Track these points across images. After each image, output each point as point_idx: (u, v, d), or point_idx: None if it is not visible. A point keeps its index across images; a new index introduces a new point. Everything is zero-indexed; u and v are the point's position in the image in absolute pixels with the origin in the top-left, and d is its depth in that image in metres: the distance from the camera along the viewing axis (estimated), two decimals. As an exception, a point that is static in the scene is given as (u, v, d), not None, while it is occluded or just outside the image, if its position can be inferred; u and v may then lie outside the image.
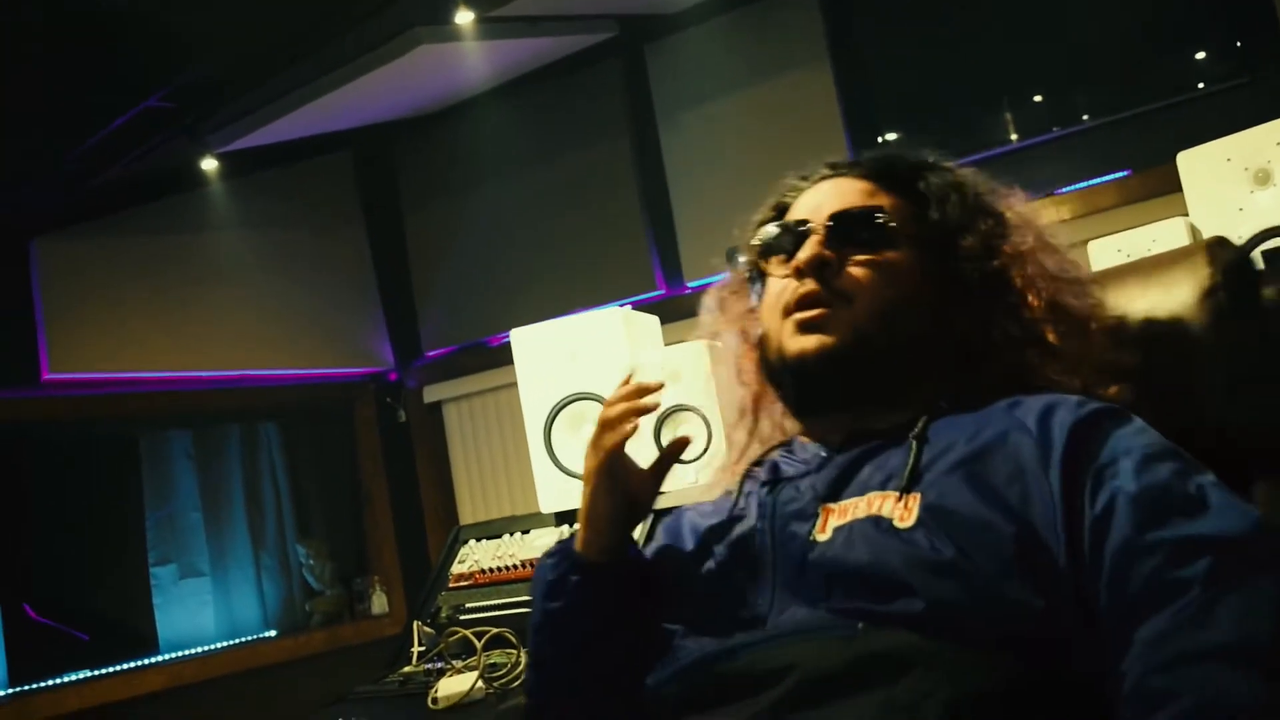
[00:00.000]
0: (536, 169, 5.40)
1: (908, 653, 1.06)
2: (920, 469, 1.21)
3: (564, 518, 2.60)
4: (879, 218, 1.38)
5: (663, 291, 5.05)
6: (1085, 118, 4.43)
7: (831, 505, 1.25)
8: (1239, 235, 1.94)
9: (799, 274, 1.36)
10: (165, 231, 5.07)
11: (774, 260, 1.43)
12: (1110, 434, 1.16)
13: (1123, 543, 1.07)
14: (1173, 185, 2.12)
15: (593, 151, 5.28)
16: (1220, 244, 1.34)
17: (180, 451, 5.45)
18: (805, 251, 1.37)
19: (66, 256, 4.77)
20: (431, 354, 5.73)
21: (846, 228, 1.38)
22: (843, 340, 1.32)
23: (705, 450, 2.51)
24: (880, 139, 4.73)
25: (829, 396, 1.36)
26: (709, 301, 1.59)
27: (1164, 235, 2.03)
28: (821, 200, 1.43)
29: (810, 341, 1.33)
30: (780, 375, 1.40)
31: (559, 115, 5.33)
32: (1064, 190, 4.30)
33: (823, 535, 1.22)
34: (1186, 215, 2.03)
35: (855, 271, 1.34)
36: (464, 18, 4.10)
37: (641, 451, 2.54)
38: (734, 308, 1.55)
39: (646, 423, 2.51)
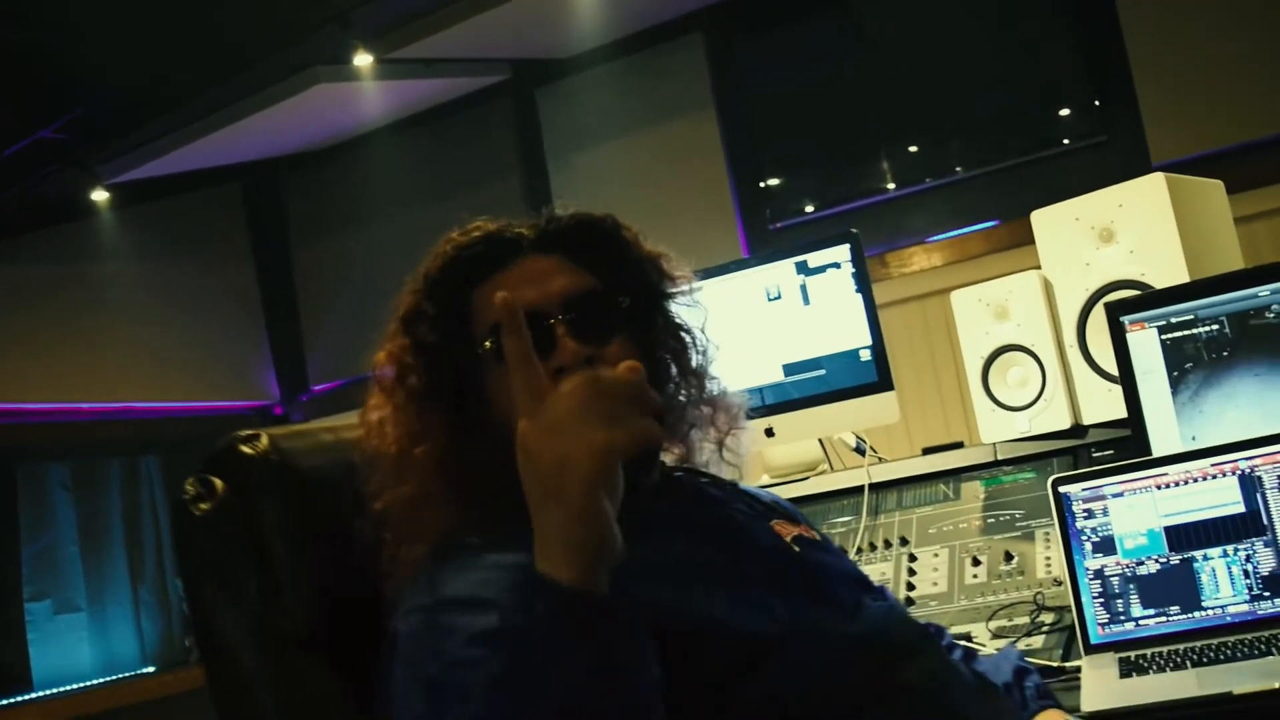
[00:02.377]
0: (427, 207, 5.44)
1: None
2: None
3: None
4: (620, 301, 1.38)
5: (551, 328, 5.14)
6: (958, 169, 4.63)
7: (775, 523, 1.38)
8: (1085, 288, 2.11)
9: (561, 373, 1.26)
10: (50, 260, 5.01)
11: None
12: None
13: None
14: (1034, 236, 2.28)
15: (483, 191, 5.35)
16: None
17: (58, 483, 5.35)
18: (569, 349, 1.30)
19: (-53, 283, 4.71)
20: (318, 388, 5.74)
21: (585, 315, 1.33)
22: None
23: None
24: (762, 184, 4.89)
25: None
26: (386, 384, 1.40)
27: (1019, 288, 2.19)
28: (539, 285, 1.36)
29: None
30: None
31: (451, 155, 5.40)
32: (935, 238, 4.51)
33: (796, 548, 1.34)
34: (1040, 269, 2.20)
35: (611, 357, 1.29)
36: (363, 59, 4.17)
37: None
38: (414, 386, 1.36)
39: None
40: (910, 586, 2.08)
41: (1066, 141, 4.47)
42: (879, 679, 1.17)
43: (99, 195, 4.79)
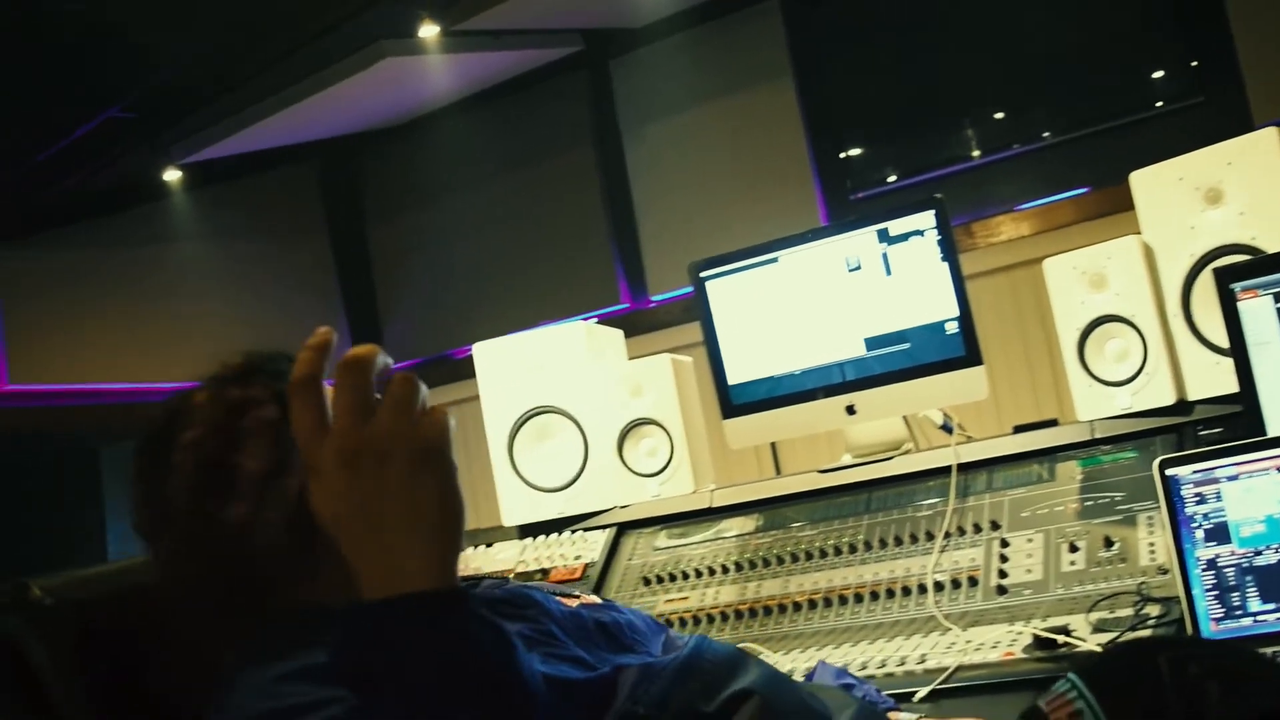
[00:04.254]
0: (501, 182, 5.40)
1: None
2: None
3: (527, 530, 2.61)
4: None
5: (627, 305, 5.06)
6: (1045, 135, 4.47)
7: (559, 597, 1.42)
8: (1191, 253, 1.97)
9: None
10: (127, 242, 5.04)
11: None
12: None
13: None
14: (1128, 203, 2.13)
15: (557, 165, 5.29)
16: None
17: (141, 465, 5.40)
18: None
19: (28, 267, 4.75)
20: (395, 367, 5.71)
21: None
22: None
23: (668, 463, 2.53)
24: (842, 154, 4.76)
25: None
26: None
27: (1118, 254, 2.05)
28: None
29: None
30: None
31: (524, 128, 5.34)
32: (1023, 207, 4.34)
33: (583, 612, 1.40)
34: (1140, 234, 2.06)
35: None
36: (428, 31, 4.11)
37: (606, 466, 2.55)
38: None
39: (610, 436, 2.54)
40: (1002, 574, 1.96)
41: (1160, 104, 4.29)
42: (715, 690, 1.21)
43: (171, 175, 4.81)
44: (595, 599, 1.51)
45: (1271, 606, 1.49)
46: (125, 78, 3.64)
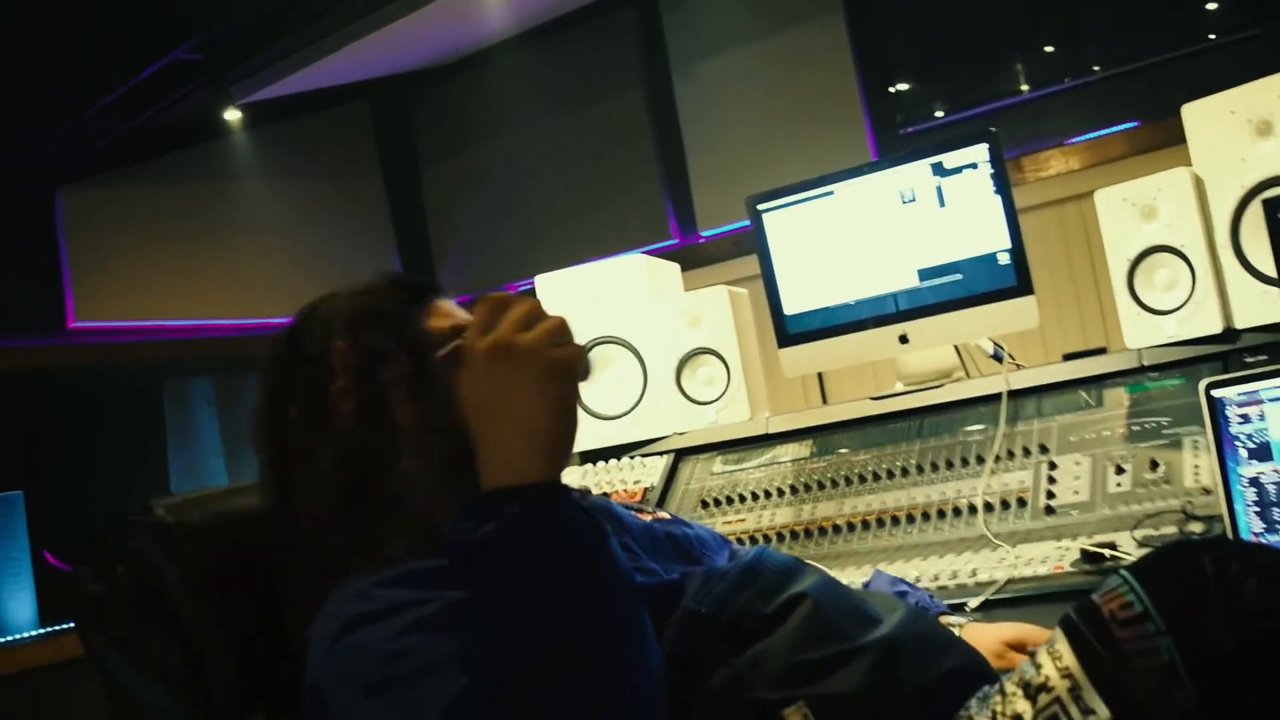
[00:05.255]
0: (552, 119, 5.44)
1: None
2: None
3: (589, 456, 2.70)
4: None
5: (676, 240, 5.12)
6: (1096, 69, 4.45)
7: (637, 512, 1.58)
8: (1241, 185, 2.01)
9: None
10: (188, 181, 5.14)
11: None
12: None
13: None
14: (1180, 136, 2.16)
15: (608, 102, 5.33)
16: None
17: (202, 398, 5.53)
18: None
19: (91, 206, 4.85)
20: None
21: None
22: None
23: (725, 392, 2.61)
24: (892, 89, 4.77)
25: None
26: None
27: (1168, 186, 2.09)
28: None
29: None
30: None
31: (575, 66, 5.37)
32: (1074, 140, 4.35)
33: (655, 526, 1.54)
34: (1191, 166, 2.10)
35: None
36: (484, -31, 4.14)
37: (665, 394, 2.63)
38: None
39: (669, 365, 2.62)
40: (1050, 495, 2.03)
41: (1213, 36, 4.25)
42: (772, 594, 1.31)
43: (232, 115, 4.89)
44: (665, 514, 1.62)
45: (1311, 521, 1.56)
46: (189, 19, 3.71)
